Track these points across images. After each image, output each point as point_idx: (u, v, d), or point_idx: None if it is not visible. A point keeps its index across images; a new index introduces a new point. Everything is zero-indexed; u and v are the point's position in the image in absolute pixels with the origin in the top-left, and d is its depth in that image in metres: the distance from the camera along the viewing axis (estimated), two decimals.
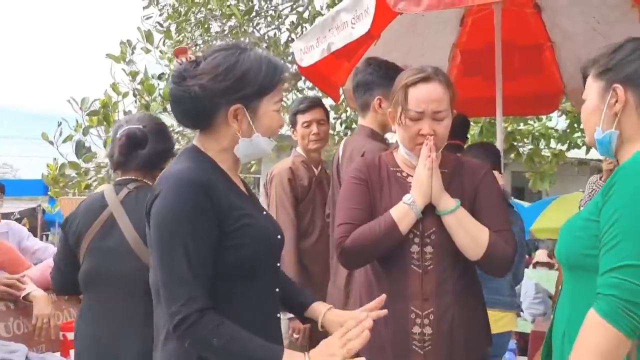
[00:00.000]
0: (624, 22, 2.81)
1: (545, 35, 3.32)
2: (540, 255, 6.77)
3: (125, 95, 4.09)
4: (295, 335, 2.44)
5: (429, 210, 1.55)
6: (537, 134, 8.28)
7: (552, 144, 8.74)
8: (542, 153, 8.33)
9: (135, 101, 4.49)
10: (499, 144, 3.26)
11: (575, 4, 2.97)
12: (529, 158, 8.09)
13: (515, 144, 7.98)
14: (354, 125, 5.63)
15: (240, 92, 1.24)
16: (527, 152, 8.19)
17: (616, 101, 1.24)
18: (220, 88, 1.22)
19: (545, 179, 8.11)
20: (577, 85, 3.41)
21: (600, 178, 3.46)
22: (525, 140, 8.29)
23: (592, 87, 1.30)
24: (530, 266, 6.47)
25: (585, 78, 1.35)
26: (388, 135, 2.28)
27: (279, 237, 1.34)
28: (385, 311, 1.34)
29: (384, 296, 1.36)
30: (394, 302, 1.54)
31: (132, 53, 4.72)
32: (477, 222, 1.53)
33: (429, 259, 1.55)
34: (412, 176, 1.61)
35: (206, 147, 1.30)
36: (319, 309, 1.40)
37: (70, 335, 2.50)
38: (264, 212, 1.37)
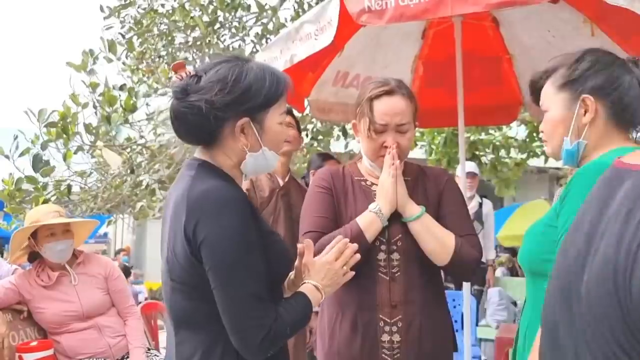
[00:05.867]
0: (577, 36, 2.92)
1: (503, 48, 3.41)
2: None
3: (85, 106, 3.98)
4: None
5: (395, 218, 1.56)
6: (497, 143, 8.52)
7: (513, 153, 9.01)
8: (503, 161, 8.58)
9: (96, 112, 4.38)
10: (462, 153, 3.33)
11: (531, 18, 3.07)
12: (491, 166, 8.31)
13: (477, 153, 8.18)
14: (320, 137, 5.65)
15: (247, 104, 1.20)
16: (490, 161, 8.42)
17: (586, 112, 1.26)
18: (227, 101, 1.18)
19: (510, 185, 8.34)
20: None
21: None
22: (486, 149, 8.51)
23: (556, 98, 1.32)
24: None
25: (537, 89, 1.38)
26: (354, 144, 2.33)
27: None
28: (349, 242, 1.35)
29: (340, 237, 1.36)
30: (362, 310, 1.55)
31: (94, 63, 4.62)
32: (442, 227, 1.56)
33: (396, 266, 1.56)
34: (376, 185, 1.63)
35: (217, 163, 1.25)
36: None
37: (27, 357, 2.42)
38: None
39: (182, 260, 1.15)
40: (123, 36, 5.21)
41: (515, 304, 4.75)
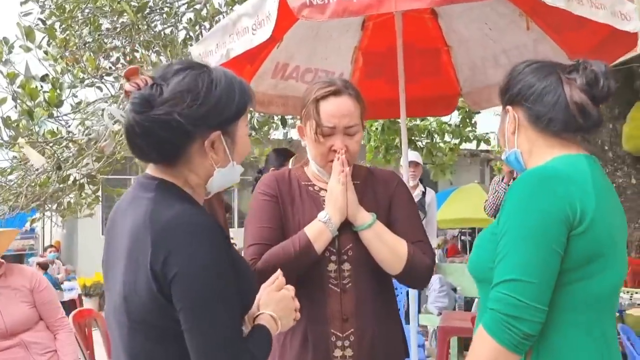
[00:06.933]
0: (514, 29, 2.98)
1: (442, 40, 3.43)
2: None
3: (3, 101, 3.65)
4: None
5: (345, 226, 1.50)
6: (432, 129, 8.73)
7: (447, 137, 9.26)
8: (438, 146, 8.81)
9: (16, 106, 4.05)
10: (404, 143, 3.35)
11: (469, 11, 3.09)
12: (427, 152, 8.51)
13: (413, 138, 8.33)
14: (258, 127, 5.53)
15: (220, 116, 1.08)
16: (425, 146, 8.62)
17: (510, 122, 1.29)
18: (200, 114, 1.05)
19: (446, 170, 8.57)
20: (472, 88, 3.61)
21: (502, 179, 3.66)
22: (422, 135, 8.69)
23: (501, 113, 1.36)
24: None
25: None
26: None
27: None
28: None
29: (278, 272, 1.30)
30: (313, 325, 1.48)
31: (10, 52, 4.26)
32: (394, 235, 1.51)
33: (347, 277, 1.50)
34: (324, 190, 1.56)
35: (179, 181, 1.11)
36: None
37: None
38: None
39: (146, 300, 1.01)
40: (44, 22, 4.83)
41: (455, 290, 4.87)
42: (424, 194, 4.70)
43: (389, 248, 1.48)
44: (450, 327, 3.56)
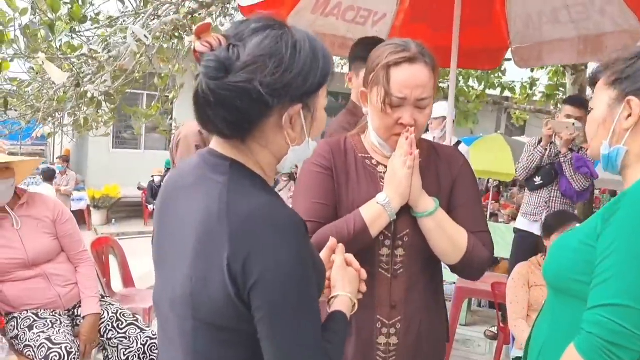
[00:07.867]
0: None
1: None
2: None
3: (24, 12, 3.42)
4: None
5: (403, 210, 1.37)
6: (458, 72, 8.38)
7: (471, 82, 8.92)
8: (463, 91, 8.50)
9: (35, 16, 3.82)
10: (451, 96, 3.20)
11: None
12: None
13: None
14: None
15: (303, 87, 0.93)
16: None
17: (629, 115, 1.11)
18: (284, 83, 0.89)
19: (470, 118, 8.30)
20: (523, 43, 3.37)
21: (539, 142, 3.48)
22: (446, 77, 8.37)
23: (602, 96, 1.16)
24: None
25: (595, 83, 1.20)
26: None
27: None
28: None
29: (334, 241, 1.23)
30: (359, 309, 1.39)
31: None
32: (455, 224, 1.38)
33: (399, 262, 1.40)
34: (382, 165, 1.43)
35: (248, 162, 0.97)
36: None
37: None
38: None
39: (220, 303, 0.89)
40: None
41: None
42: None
43: (448, 238, 1.37)
44: (468, 289, 3.54)
